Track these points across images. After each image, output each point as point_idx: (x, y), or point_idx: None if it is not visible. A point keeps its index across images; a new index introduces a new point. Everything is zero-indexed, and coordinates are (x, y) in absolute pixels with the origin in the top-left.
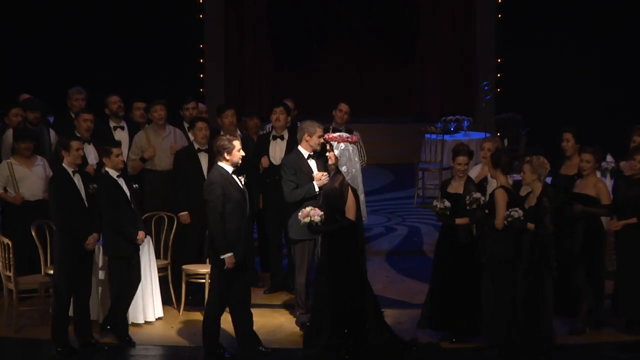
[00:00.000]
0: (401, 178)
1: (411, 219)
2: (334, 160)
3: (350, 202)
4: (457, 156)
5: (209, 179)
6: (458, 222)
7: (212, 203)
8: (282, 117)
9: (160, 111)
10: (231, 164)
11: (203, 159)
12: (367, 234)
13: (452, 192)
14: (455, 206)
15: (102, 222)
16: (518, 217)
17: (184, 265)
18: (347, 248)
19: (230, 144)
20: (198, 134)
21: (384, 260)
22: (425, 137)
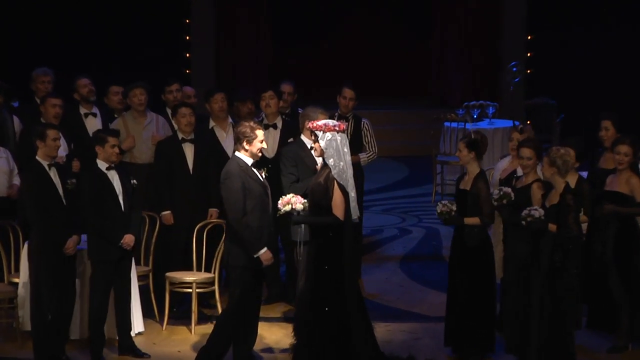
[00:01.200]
0: (417, 172)
1: (428, 219)
2: (319, 152)
3: (337, 198)
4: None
5: (226, 171)
6: (467, 222)
7: (230, 199)
8: (272, 103)
9: (140, 96)
10: (250, 155)
11: (188, 150)
12: (378, 237)
13: (462, 187)
14: (463, 204)
15: (84, 222)
16: (539, 216)
17: (168, 273)
18: (333, 252)
19: (253, 132)
20: (182, 122)
21: (398, 266)
22: (445, 126)
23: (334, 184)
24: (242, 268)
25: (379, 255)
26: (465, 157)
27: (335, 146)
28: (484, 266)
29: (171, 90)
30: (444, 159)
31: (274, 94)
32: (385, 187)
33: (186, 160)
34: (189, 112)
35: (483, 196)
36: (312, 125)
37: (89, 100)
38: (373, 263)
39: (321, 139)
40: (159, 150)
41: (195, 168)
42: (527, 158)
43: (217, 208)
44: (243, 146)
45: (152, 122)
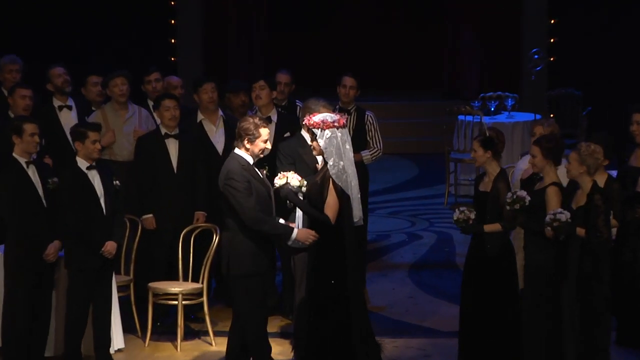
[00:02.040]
0: (427, 171)
1: (441, 223)
2: (318, 150)
3: (330, 200)
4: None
5: (228, 170)
6: (488, 230)
7: (239, 200)
8: (263, 94)
9: (121, 85)
10: (251, 154)
11: (172, 146)
12: (384, 243)
13: (482, 189)
14: (482, 207)
15: (61, 226)
16: (566, 220)
17: (151, 283)
18: (334, 259)
19: (256, 130)
20: (165, 115)
21: (406, 275)
22: (459, 120)
23: (329, 184)
24: (245, 277)
25: (386, 263)
26: (481, 157)
27: (336, 144)
28: (506, 276)
29: (150, 80)
30: (457, 156)
31: (265, 83)
32: (392, 188)
33: (170, 158)
34: (173, 105)
35: (503, 199)
36: (309, 123)
37: (63, 91)
38: (379, 272)
39: (320, 137)
40: (139, 147)
41: (180, 166)
42: (532, 156)
43: (205, 211)
44: (244, 144)
45: (134, 115)
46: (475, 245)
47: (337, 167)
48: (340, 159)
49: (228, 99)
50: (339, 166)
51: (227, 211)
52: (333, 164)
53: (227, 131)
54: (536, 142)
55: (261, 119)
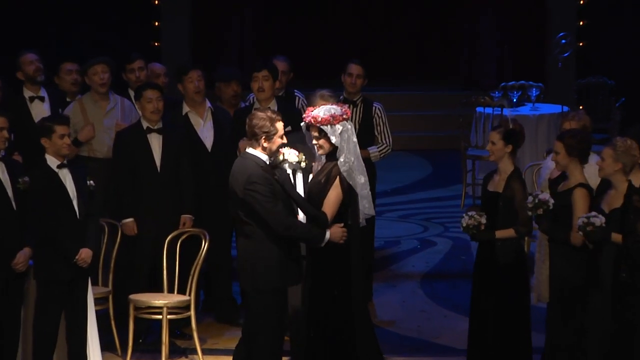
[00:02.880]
0: (442, 170)
1: (457, 228)
2: (327, 149)
3: (331, 195)
4: (490, 131)
5: (246, 174)
6: (500, 236)
7: (267, 207)
8: (266, 85)
9: (102, 74)
10: (268, 153)
11: (155, 142)
12: (393, 250)
13: (491, 189)
14: (493, 210)
15: (30, 232)
16: (600, 225)
17: (132, 295)
18: (336, 268)
19: (273, 126)
20: (147, 107)
21: (418, 286)
22: (477, 112)
23: (335, 180)
24: (273, 292)
25: (395, 273)
26: (500, 151)
27: (347, 138)
28: (517, 287)
29: (133, 68)
30: (475, 153)
31: (269, 74)
32: (402, 189)
33: (152, 155)
34: (156, 96)
35: (519, 200)
36: (317, 120)
37: (35, 80)
38: (387, 282)
39: (331, 134)
40: (118, 142)
41: (164, 165)
42: (555, 153)
43: (191, 214)
44: (260, 143)
45: (115, 107)
46: (483, 252)
47: (348, 164)
48: (350, 154)
49: (218, 89)
50: (350, 162)
51: (249, 218)
52: (345, 160)
53: (217, 125)
54: (559, 138)
55: (274, 112)
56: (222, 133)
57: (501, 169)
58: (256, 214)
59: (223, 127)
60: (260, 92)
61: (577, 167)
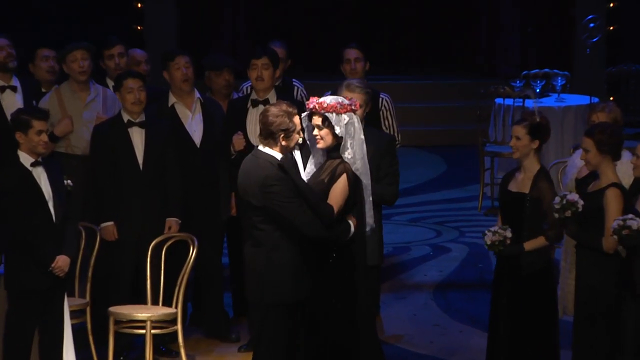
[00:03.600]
0: (457, 168)
1: (474, 233)
2: (330, 141)
3: (339, 188)
4: (512, 126)
5: (263, 176)
6: (530, 248)
7: (292, 210)
8: (266, 74)
9: (82, 60)
10: (282, 151)
11: (137, 137)
12: (403, 257)
13: (514, 190)
14: (516, 214)
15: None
16: (638, 228)
17: (112, 307)
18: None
19: (292, 121)
20: (127, 98)
21: (431, 298)
22: (496, 104)
23: (341, 177)
24: (285, 307)
25: (405, 283)
26: (525, 147)
27: (353, 132)
28: (544, 299)
29: (112, 54)
30: (495, 149)
31: (269, 61)
32: (413, 189)
33: (134, 152)
34: (138, 85)
35: (548, 201)
36: (322, 106)
37: (6, 68)
38: (396, 293)
39: (336, 123)
40: (95, 138)
41: (147, 162)
42: (584, 150)
43: (178, 217)
44: (279, 142)
45: (97, 98)
46: (504, 259)
47: (359, 162)
48: (358, 147)
49: (208, 79)
50: (361, 160)
51: (266, 224)
52: (353, 157)
53: (207, 118)
54: (588, 133)
55: (289, 104)
56: (213, 127)
57: (526, 167)
58: (281, 218)
59: (214, 121)
60: (259, 82)
61: (609, 165)
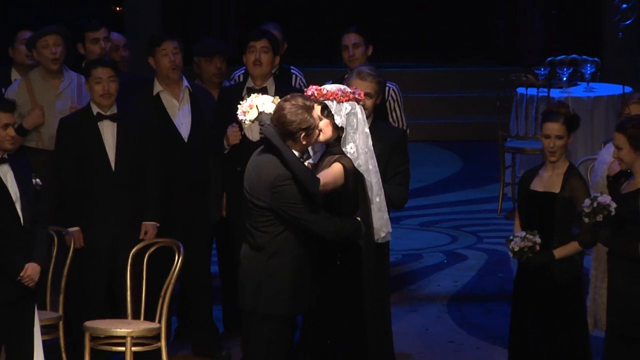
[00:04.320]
0: (475, 166)
1: (493, 238)
2: (330, 134)
3: (331, 171)
4: (544, 122)
5: (274, 175)
6: (560, 255)
7: (301, 210)
8: (265, 59)
9: (54, 46)
10: (300, 149)
11: (108, 131)
12: (413, 266)
13: (539, 190)
14: (541, 215)
15: None
16: None
17: (88, 322)
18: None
19: (312, 117)
20: (95, 89)
21: (445, 311)
22: (518, 94)
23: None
24: (281, 320)
25: (416, 294)
26: (565, 145)
27: (356, 123)
28: (573, 312)
29: (97, 37)
30: (516, 144)
31: (269, 45)
32: (425, 190)
33: (104, 148)
34: (107, 75)
35: (582, 202)
36: (322, 93)
37: None
38: (406, 306)
39: (336, 112)
40: (62, 132)
41: (119, 160)
42: (616, 148)
43: (157, 220)
44: (299, 141)
45: (71, 86)
46: (527, 268)
47: (363, 157)
48: (365, 145)
49: (197, 65)
50: (365, 155)
51: (271, 227)
52: (355, 152)
53: (196, 108)
54: (619, 128)
55: (308, 99)
56: (202, 119)
57: (554, 164)
58: (288, 219)
59: (204, 112)
60: (256, 66)
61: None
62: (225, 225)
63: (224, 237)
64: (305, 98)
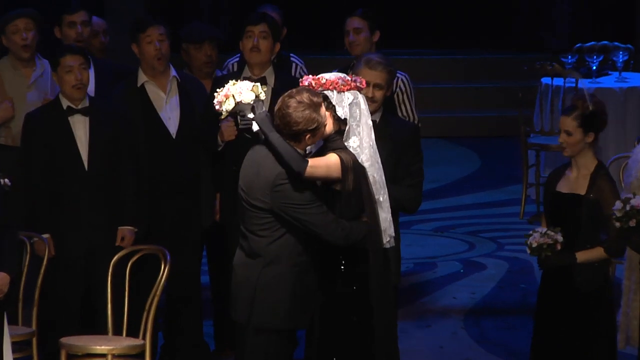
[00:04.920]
0: (495, 164)
1: (514, 245)
2: (331, 127)
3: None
4: (561, 116)
5: (275, 173)
6: (583, 259)
7: (314, 214)
8: (264, 46)
9: (25, 31)
10: (304, 147)
11: (80, 127)
12: (426, 276)
13: (564, 191)
14: (567, 219)
15: None
16: None
17: (64, 338)
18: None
19: (320, 115)
20: (66, 80)
21: (461, 326)
22: (543, 84)
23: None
24: (278, 334)
25: (429, 308)
26: (578, 143)
27: (359, 115)
28: (602, 327)
29: (74, 21)
30: (541, 140)
31: (269, 30)
32: (438, 191)
33: (76, 146)
34: (79, 63)
35: (610, 205)
36: (320, 83)
37: None
38: (418, 320)
39: (337, 103)
40: (27, 128)
41: (92, 158)
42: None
43: (134, 225)
44: (303, 141)
45: (44, 75)
46: (552, 278)
47: (369, 151)
48: (368, 137)
49: (186, 53)
50: (371, 149)
51: (265, 230)
52: (360, 145)
53: (185, 100)
54: None
55: (315, 94)
56: (192, 112)
57: (580, 164)
58: (291, 221)
59: (194, 104)
60: (254, 53)
61: None
62: (217, 230)
63: (215, 243)
64: (312, 93)
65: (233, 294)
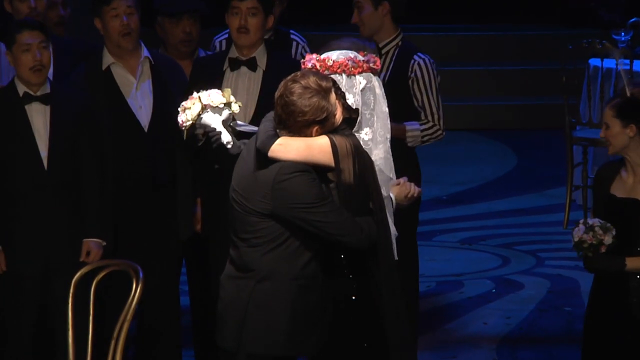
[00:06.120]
0: (533, 163)
1: (557, 260)
2: (340, 114)
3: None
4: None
5: (275, 170)
6: (632, 267)
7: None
8: (253, 24)
9: None
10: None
11: (38, 118)
12: (452, 296)
13: (619, 195)
14: (624, 227)
15: None
16: None
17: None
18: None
19: (329, 102)
20: (23, 61)
21: (494, 356)
22: (591, 67)
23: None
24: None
25: (454, 335)
26: (619, 137)
27: (373, 102)
28: None
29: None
30: (589, 134)
31: (259, 4)
32: (465, 195)
33: (34, 140)
34: (38, 41)
35: None
36: (327, 65)
37: None
38: (441, 350)
39: (348, 88)
40: None
41: (53, 156)
42: None
43: (101, 237)
44: (311, 132)
45: None
46: (603, 297)
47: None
48: (384, 129)
49: (161, 28)
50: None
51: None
52: (374, 137)
53: (158, 87)
54: None
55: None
56: (168, 100)
57: (633, 162)
58: (302, 226)
59: (170, 91)
60: (241, 34)
61: None
62: (198, 242)
63: (196, 258)
64: (321, 76)
65: (219, 315)
